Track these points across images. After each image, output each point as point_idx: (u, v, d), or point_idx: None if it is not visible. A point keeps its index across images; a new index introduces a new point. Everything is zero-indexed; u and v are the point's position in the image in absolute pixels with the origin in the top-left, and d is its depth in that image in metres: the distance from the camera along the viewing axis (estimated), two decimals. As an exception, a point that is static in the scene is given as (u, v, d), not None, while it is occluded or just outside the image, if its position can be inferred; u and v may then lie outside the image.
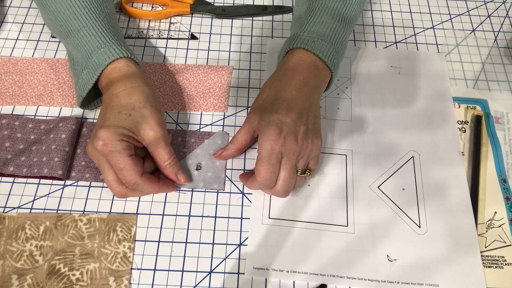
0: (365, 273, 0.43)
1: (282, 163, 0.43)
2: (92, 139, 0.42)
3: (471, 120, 0.53)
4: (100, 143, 0.41)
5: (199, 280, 0.43)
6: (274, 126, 0.42)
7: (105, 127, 0.41)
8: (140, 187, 0.43)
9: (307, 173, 0.44)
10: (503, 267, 0.44)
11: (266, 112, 0.43)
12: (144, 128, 0.43)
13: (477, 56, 0.59)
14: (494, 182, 0.49)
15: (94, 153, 0.42)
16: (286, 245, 0.45)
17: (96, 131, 0.42)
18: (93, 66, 0.45)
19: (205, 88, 0.54)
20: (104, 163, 0.42)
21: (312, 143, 0.43)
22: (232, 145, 0.47)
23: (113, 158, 0.41)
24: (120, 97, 0.43)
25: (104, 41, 0.45)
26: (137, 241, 0.44)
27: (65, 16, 0.47)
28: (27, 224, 0.44)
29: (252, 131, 0.45)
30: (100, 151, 0.41)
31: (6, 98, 0.52)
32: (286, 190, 0.43)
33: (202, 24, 0.60)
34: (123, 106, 0.43)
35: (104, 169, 0.43)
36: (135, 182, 0.42)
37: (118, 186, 0.43)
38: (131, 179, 0.42)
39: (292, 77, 0.45)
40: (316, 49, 0.46)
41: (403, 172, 0.49)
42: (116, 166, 0.42)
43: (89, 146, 0.43)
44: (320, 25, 0.47)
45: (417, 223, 0.46)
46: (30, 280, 0.42)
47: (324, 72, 0.46)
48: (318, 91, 0.46)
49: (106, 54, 0.45)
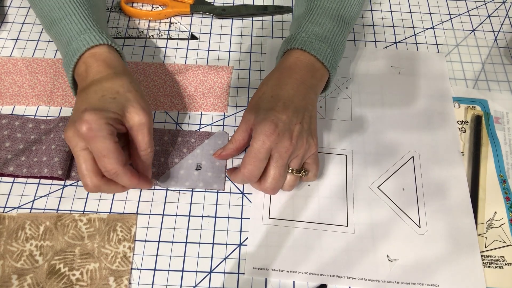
0: (365, 273, 0.43)
1: (273, 160, 0.42)
2: (73, 123, 0.39)
3: (471, 120, 0.53)
4: (84, 126, 0.38)
5: (199, 280, 0.43)
6: (270, 122, 0.42)
7: (91, 110, 0.39)
8: (119, 178, 0.41)
9: (302, 173, 0.44)
10: (503, 267, 0.44)
11: (262, 108, 0.43)
12: (130, 112, 0.41)
13: (477, 56, 0.59)
14: (494, 182, 0.49)
15: (74, 138, 0.39)
16: (286, 245, 0.45)
17: (80, 114, 0.39)
18: (71, 53, 0.44)
19: (205, 88, 0.54)
20: (81, 150, 0.40)
21: (307, 142, 0.43)
22: (231, 144, 0.47)
23: (97, 143, 0.38)
24: (103, 81, 0.42)
25: (84, 28, 0.45)
26: (137, 241, 0.44)
27: (49, 7, 0.47)
28: (27, 224, 0.44)
29: (249, 129, 0.45)
30: (84, 135, 0.38)
31: (6, 98, 0.52)
32: (274, 187, 0.43)
33: (202, 24, 0.60)
34: (106, 89, 0.41)
35: (80, 157, 0.40)
36: (115, 171, 0.40)
37: (94, 177, 0.40)
38: (112, 168, 0.39)
39: (289, 75, 0.45)
40: (314, 50, 0.46)
41: (403, 172, 0.49)
42: (98, 152, 0.39)
43: (69, 130, 0.40)
44: (318, 26, 0.47)
45: (417, 223, 0.46)
46: (30, 280, 0.42)
47: (321, 72, 0.46)
48: (315, 90, 0.46)
49: (85, 40, 0.44)
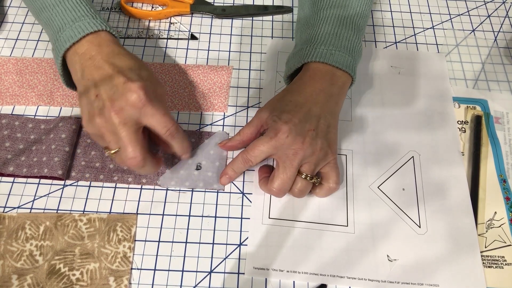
0: (365, 273, 0.43)
1: (281, 161, 0.43)
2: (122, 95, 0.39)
3: (471, 120, 0.53)
4: (141, 92, 0.39)
5: (199, 280, 0.43)
6: (281, 122, 0.42)
7: (137, 80, 0.40)
8: (174, 138, 0.43)
9: (315, 180, 0.44)
10: (503, 267, 0.44)
11: (277, 110, 0.44)
12: (156, 88, 0.43)
13: (477, 56, 0.59)
14: (494, 182, 0.49)
15: (126, 109, 0.39)
16: (286, 245, 0.45)
17: (130, 86, 0.39)
18: (65, 38, 0.44)
19: (205, 88, 0.54)
20: (132, 121, 0.40)
21: (322, 150, 0.43)
22: (238, 136, 0.47)
23: (155, 105, 0.40)
24: (122, 58, 0.42)
25: (82, 14, 0.45)
26: (137, 241, 0.44)
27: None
28: (27, 224, 0.44)
29: (259, 126, 0.46)
30: (139, 101, 0.39)
31: (6, 98, 0.52)
32: (281, 189, 0.43)
33: (202, 24, 0.60)
34: (130, 66, 0.42)
35: (132, 127, 0.40)
36: (176, 127, 0.42)
37: (142, 149, 0.40)
38: (173, 124, 0.42)
39: (310, 84, 0.45)
40: (335, 61, 0.46)
41: (403, 172, 0.49)
42: (158, 113, 0.40)
43: (121, 100, 0.39)
44: (335, 36, 0.47)
45: (417, 223, 0.46)
46: (30, 280, 0.42)
47: (343, 79, 0.46)
48: (335, 100, 0.46)
49: (84, 26, 0.44)
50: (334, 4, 0.50)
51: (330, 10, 0.49)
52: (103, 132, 0.41)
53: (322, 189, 0.46)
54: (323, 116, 0.44)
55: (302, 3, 0.54)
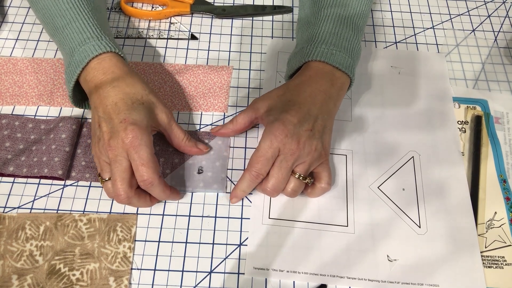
0: (365, 273, 0.43)
1: (278, 161, 0.43)
2: (116, 133, 0.41)
3: (471, 120, 0.53)
4: (130, 136, 0.40)
5: (199, 280, 0.43)
6: (280, 123, 0.42)
7: (132, 121, 0.41)
8: (153, 188, 0.42)
9: (308, 180, 0.44)
10: (503, 267, 0.44)
11: (275, 109, 0.44)
12: (157, 113, 0.44)
13: (477, 56, 0.59)
14: (494, 182, 0.49)
15: (117, 148, 0.40)
16: (286, 245, 0.45)
17: (125, 126, 0.41)
18: (75, 63, 0.44)
19: (205, 88, 0.54)
20: (123, 159, 0.41)
21: (316, 150, 0.43)
22: (231, 124, 0.48)
23: (139, 152, 0.40)
24: (124, 88, 0.43)
25: (88, 36, 0.45)
26: (137, 241, 0.44)
27: (51, 13, 0.47)
28: (27, 224, 0.44)
29: (253, 118, 0.46)
30: (129, 144, 0.40)
31: (6, 98, 0.52)
32: (275, 188, 0.43)
33: (202, 24, 0.60)
34: (130, 96, 0.43)
35: (121, 166, 0.41)
36: (151, 181, 0.41)
37: (128, 188, 0.41)
38: (149, 177, 0.40)
39: (309, 84, 0.45)
40: (335, 61, 0.46)
41: (403, 172, 0.49)
42: (139, 161, 0.40)
43: (114, 139, 0.41)
44: (336, 36, 0.47)
45: (417, 223, 0.46)
46: (30, 280, 0.42)
47: (342, 80, 0.47)
48: (334, 101, 0.46)
49: (89, 50, 0.44)
50: (334, 3, 0.50)
51: (330, 9, 0.49)
52: (98, 159, 0.43)
53: (314, 189, 0.46)
54: (321, 116, 0.44)
55: (302, 3, 0.54)
